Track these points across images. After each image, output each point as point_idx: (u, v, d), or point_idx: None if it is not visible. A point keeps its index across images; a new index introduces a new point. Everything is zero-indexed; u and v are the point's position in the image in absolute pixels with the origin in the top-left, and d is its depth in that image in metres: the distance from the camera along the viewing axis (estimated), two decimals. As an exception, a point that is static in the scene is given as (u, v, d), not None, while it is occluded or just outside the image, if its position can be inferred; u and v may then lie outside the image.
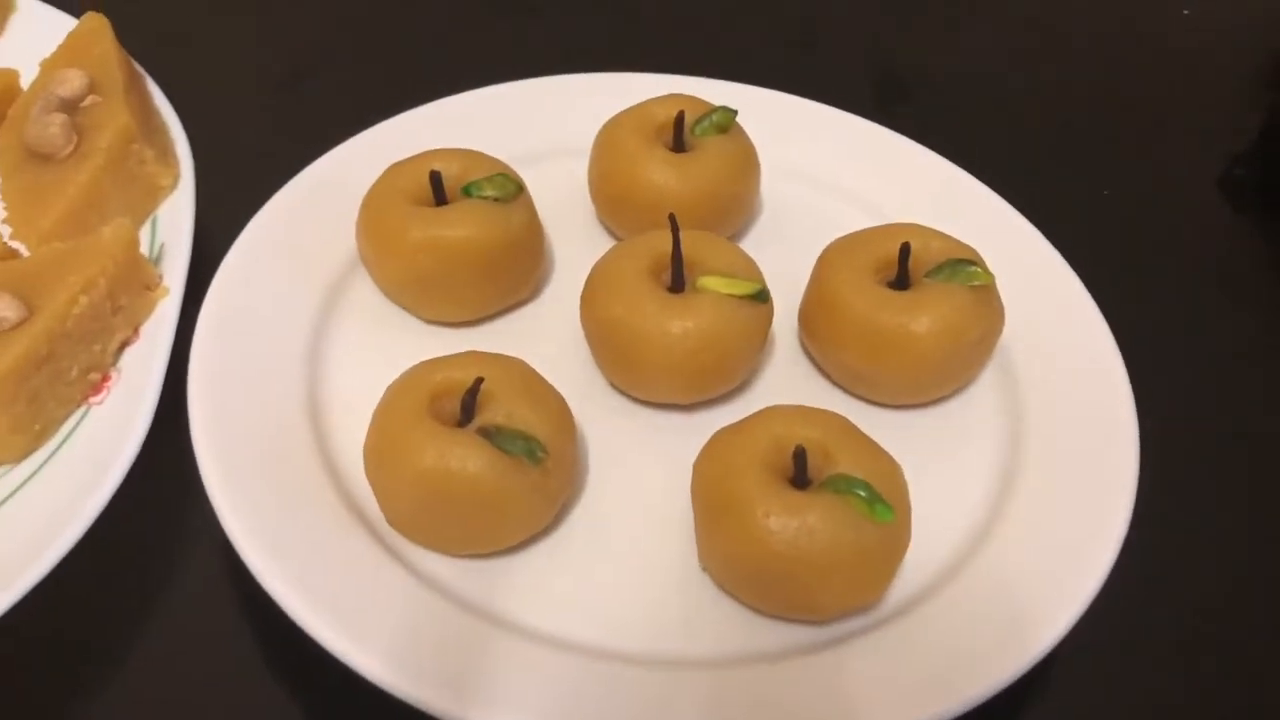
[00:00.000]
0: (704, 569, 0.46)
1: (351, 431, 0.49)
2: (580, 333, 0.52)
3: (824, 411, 0.45)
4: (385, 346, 0.53)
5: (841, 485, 0.42)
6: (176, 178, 0.57)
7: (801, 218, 0.60)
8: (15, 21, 0.66)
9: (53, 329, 0.48)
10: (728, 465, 0.44)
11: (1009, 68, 0.78)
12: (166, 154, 0.58)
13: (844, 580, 0.42)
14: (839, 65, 0.77)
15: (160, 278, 0.53)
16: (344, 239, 0.55)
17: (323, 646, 0.41)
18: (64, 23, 0.64)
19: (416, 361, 0.48)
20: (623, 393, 0.52)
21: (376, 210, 0.53)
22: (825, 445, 0.43)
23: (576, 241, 0.59)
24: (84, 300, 0.49)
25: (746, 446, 0.44)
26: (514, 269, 0.54)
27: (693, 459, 0.47)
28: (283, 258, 0.54)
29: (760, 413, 0.46)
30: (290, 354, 0.51)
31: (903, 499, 0.43)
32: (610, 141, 0.57)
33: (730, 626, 0.45)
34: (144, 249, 0.54)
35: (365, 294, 0.55)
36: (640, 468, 0.49)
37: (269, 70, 0.74)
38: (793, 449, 0.43)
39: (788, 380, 0.54)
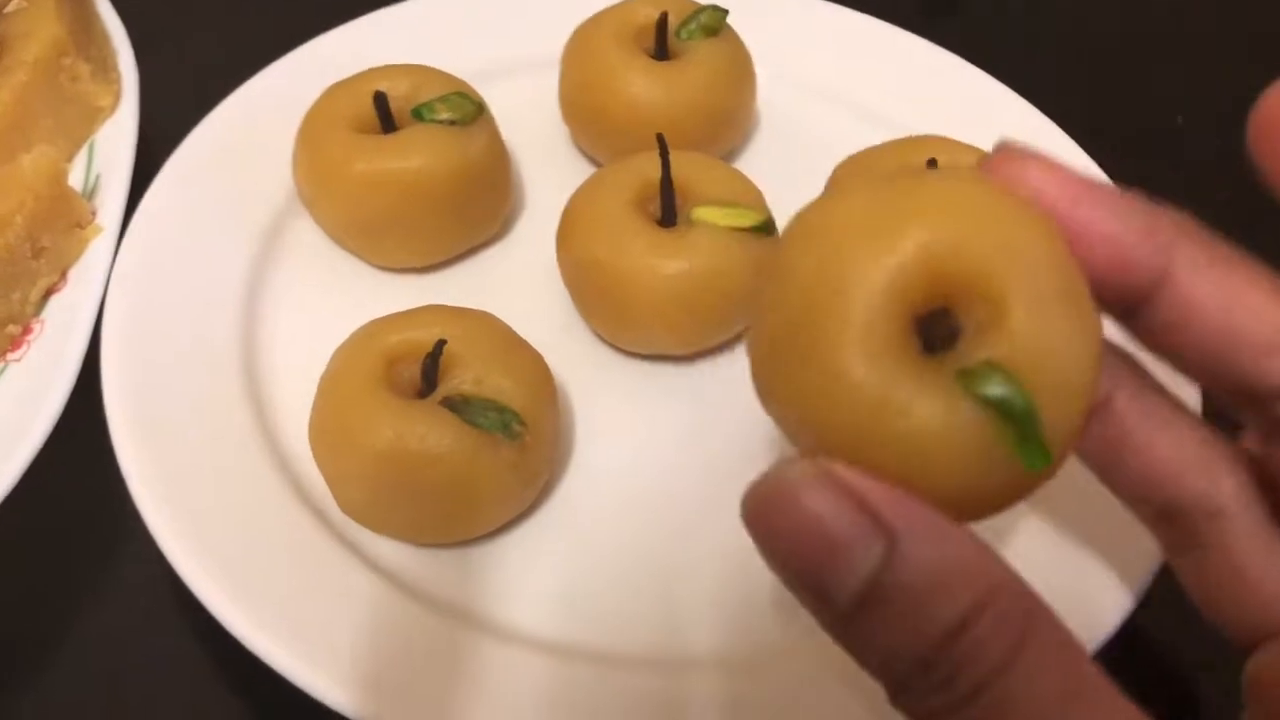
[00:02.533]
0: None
1: (295, 399, 0.41)
2: (558, 275, 0.45)
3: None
4: (333, 299, 0.46)
5: (986, 380, 0.23)
6: (118, 97, 0.50)
7: (804, 134, 0.53)
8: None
9: None
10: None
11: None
12: (106, 69, 0.50)
13: None
14: None
15: (94, 214, 0.46)
16: (282, 172, 0.48)
17: (261, 658, 0.35)
18: None
19: (368, 317, 0.41)
20: (609, 344, 0.45)
21: (314, 140, 0.45)
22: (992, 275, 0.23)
23: (549, 169, 0.51)
24: None
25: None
26: (477, 204, 0.46)
27: (691, 418, 0.42)
28: (213, 195, 0.47)
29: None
30: (222, 308, 0.44)
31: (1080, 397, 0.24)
32: (582, 50, 0.49)
33: (744, 619, 0.38)
34: (76, 180, 0.47)
35: (308, 236, 0.47)
36: (631, 432, 0.43)
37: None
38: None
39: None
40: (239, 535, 0.38)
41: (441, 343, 0.37)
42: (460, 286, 0.47)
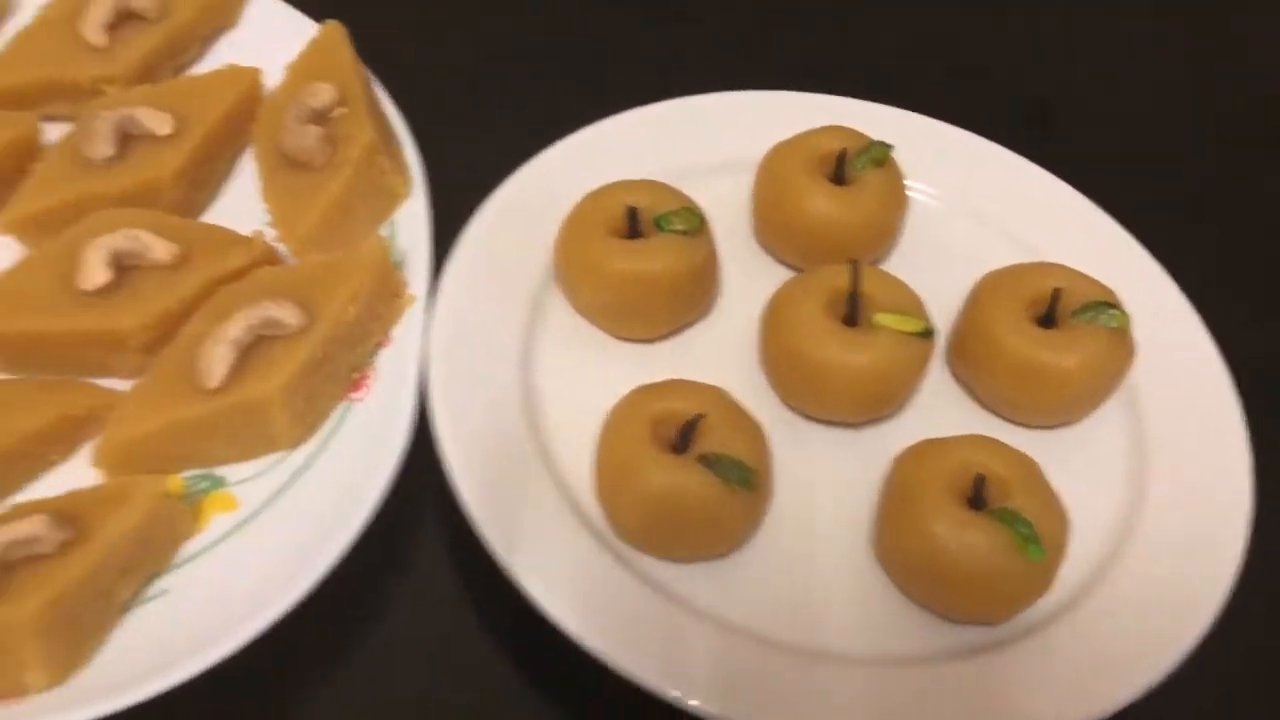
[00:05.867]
0: (875, 555, 0.53)
1: (565, 434, 0.56)
2: (745, 347, 0.60)
3: (1018, 452, 0.52)
4: (584, 359, 0.60)
5: (1007, 517, 0.49)
6: (409, 185, 0.62)
7: (935, 242, 0.66)
8: (250, 13, 0.71)
9: (329, 336, 0.54)
10: (920, 474, 0.51)
11: (1153, 105, 0.83)
12: (400, 163, 0.63)
13: (980, 594, 0.50)
14: (982, 88, 0.82)
15: (405, 285, 0.59)
16: (539, 254, 0.61)
17: (558, 627, 0.49)
18: (292, 16, 0.69)
19: (610, 374, 0.56)
20: (793, 409, 0.58)
21: (577, 240, 0.58)
22: (1008, 480, 0.50)
23: (737, 259, 0.64)
24: (351, 310, 0.55)
25: (942, 460, 0.51)
26: (698, 295, 0.60)
27: (861, 472, 0.55)
28: (491, 277, 0.60)
29: (963, 437, 0.53)
30: (505, 358, 0.58)
31: (1058, 547, 0.50)
32: (777, 171, 0.62)
33: (891, 623, 0.52)
34: (387, 256, 0.60)
35: (560, 310, 0.61)
36: (815, 479, 0.56)
37: (456, 81, 0.77)
38: (974, 474, 0.50)
39: (936, 398, 0.60)
40: (537, 543, 0.51)
41: (700, 416, 0.50)
42: (675, 355, 0.60)
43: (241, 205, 0.63)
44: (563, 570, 0.51)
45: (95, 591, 0.47)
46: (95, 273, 0.55)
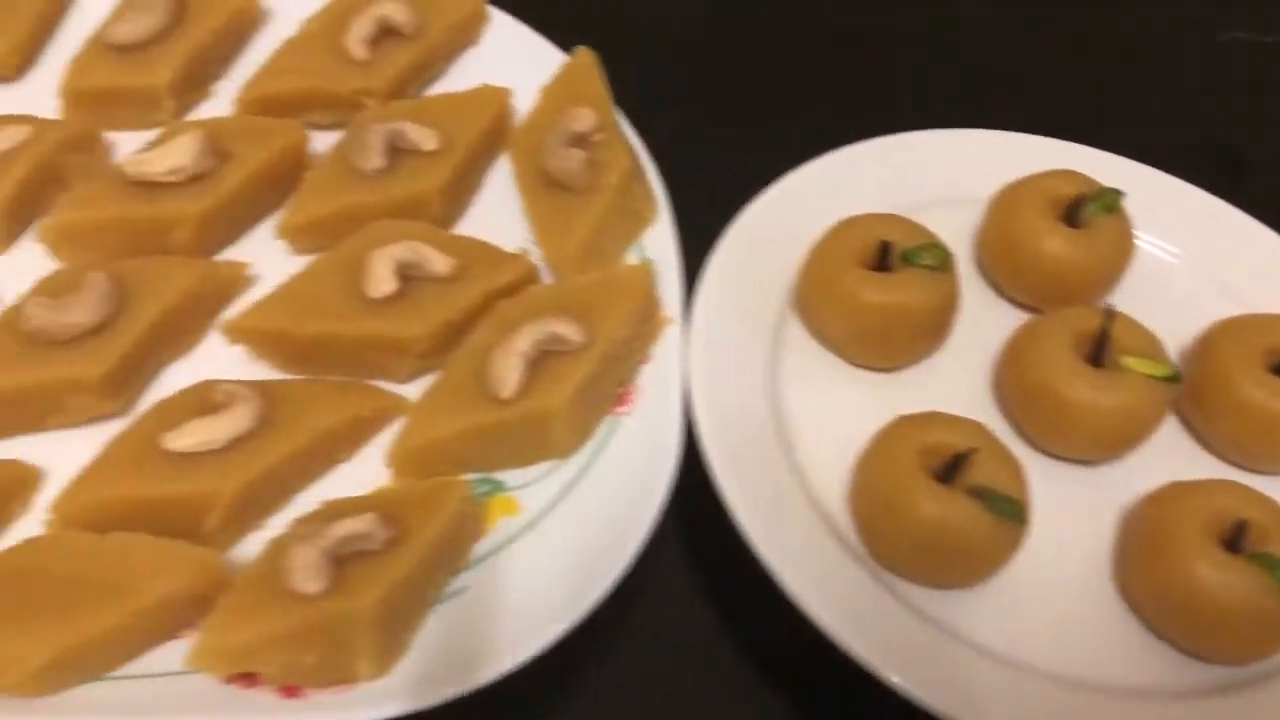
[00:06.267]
0: (1120, 592, 0.56)
1: (815, 459, 0.58)
2: (975, 379, 0.62)
3: (1269, 498, 0.54)
4: (825, 385, 0.62)
5: (1268, 562, 0.51)
6: (656, 210, 0.65)
7: (1152, 289, 0.67)
8: (489, 33, 0.74)
9: (606, 352, 0.57)
10: (1177, 514, 0.54)
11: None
12: (646, 188, 0.66)
13: (1237, 635, 0.52)
14: (1173, 135, 0.82)
15: (661, 305, 0.61)
16: (775, 282, 0.64)
17: (838, 643, 0.51)
18: (526, 37, 0.72)
19: (851, 401, 0.60)
20: (1029, 443, 0.61)
21: (829, 271, 0.61)
22: (1267, 527, 0.52)
23: (962, 293, 0.66)
24: (623, 329, 0.58)
25: (1196, 503, 0.54)
26: (941, 328, 0.62)
27: (1099, 509, 0.58)
28: (738, 301, 0.63)
29: (1213, 481, 0.55)
30: (757, 387, 0.60)
31: None
32: (1011, 211, 0.65)
33: (1136, 656, 0.54)
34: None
35: (797, 334, 0.63)
36: (1055, 514, 0.58)
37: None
38: (1234, 519, 0.52)
39: (1163, 440, 0.61)
40: (803, 560, 0.54)
41: (974, 449, 0.53)
42: (909, 385, 0.63)
43: (490, 220, 0.66)
44: (832, 590, 0.53)
45: (413, 587, 0.50)
46: (383, 281, 0.58)
